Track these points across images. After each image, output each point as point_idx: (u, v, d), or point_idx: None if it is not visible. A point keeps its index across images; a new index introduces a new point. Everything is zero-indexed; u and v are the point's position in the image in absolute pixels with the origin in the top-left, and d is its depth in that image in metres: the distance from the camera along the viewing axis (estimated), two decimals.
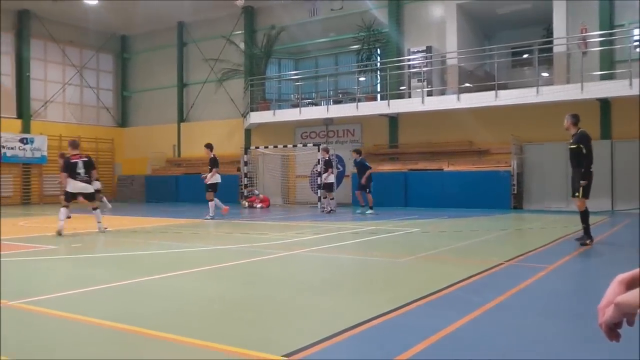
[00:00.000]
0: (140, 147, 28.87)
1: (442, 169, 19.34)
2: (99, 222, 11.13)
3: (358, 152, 16.84)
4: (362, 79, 22.58)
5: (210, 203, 14.98)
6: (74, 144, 11.19)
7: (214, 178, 15.06)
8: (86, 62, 29.06)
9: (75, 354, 3.46)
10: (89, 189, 10.95)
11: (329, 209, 17.04)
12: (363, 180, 16.28)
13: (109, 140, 29.42)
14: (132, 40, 30.34)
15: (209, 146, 15.56)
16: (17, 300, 4.81)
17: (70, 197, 10.93)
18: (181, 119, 28.11)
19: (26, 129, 25.98)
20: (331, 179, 17.22)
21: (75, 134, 27.65)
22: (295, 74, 23.82)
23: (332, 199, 17.33)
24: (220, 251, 8.54)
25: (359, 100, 20.54)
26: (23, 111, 26.07)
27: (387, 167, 20.58)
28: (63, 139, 26.97)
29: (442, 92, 19.90)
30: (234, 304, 4.91)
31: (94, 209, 11.26)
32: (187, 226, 12.90)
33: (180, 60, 28.29)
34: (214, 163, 15.20)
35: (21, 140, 25.40)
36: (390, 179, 19.75)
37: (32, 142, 25.75)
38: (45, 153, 26.22)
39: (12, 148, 25.03)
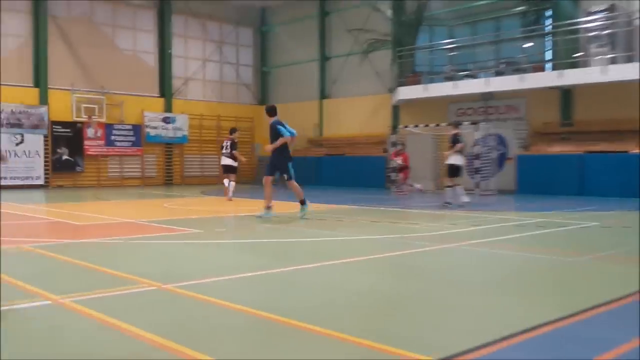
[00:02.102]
0: None
1: (628, 152, 18.04)
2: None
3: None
4: (528, 45, 21.62)
5: (455, 189, 14.35)
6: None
7: (454, 158, 14.29)
8: (226, 37, 30.88)
9: (224, 341, 3.86)
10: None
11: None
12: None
13: (248, 119, 31.09)
14: (272, 12, 31.65)
15: (456, 123, 15.11)
16: (171, 284, 5.40)
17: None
18: (323, 95, 28.91)
19: (168, 107, 28.30)
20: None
21: (215, 112, 29.63)
22: (450, 43, 23.42)
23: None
24: (367, 241, 8.79)
25: (524, 71, 19.75)
26: (165, 89, 28.41)
27: (557, 149, 19.63)
28: (204, 118, 29.02)
29: (629, 59, 18.47)
30: (384, 299, 5.10)
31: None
32: (331, 212, 13.36)
33: (321, 32, 29.03)
34: (457, 141, 14.28)
35: (164, 120, 27.76)
36: (560, 162, 18.84)
37: (174, 121, 28.02)
38: (186, 132, 28.41)
39: (155, 127, 27.44)
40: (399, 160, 20.82)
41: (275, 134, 11.55)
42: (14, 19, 24.44)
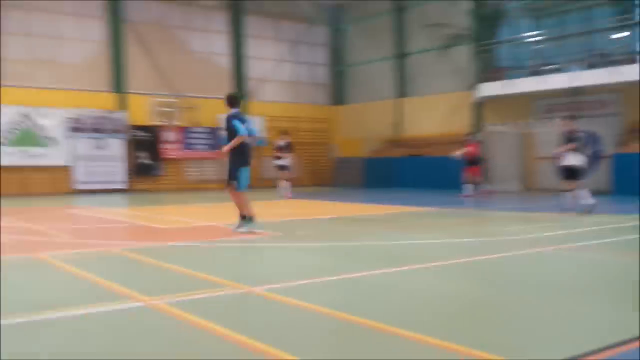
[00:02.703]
0: (357, 127, 30.24)
1: None
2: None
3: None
4: (621, 35, 20.83)
5: (575, 193, 12.92)
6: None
7: (571, 159, 12.90)
8: (299, 36, 31.29)
9: (311, 343, 4.00)
10: None
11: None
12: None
13: (323, 120, 31.36)
14: (346, 10, 31.79)
15: (572, 117, 13.87)
16: (258, 287, 5.61)
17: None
18: (400, 94, 28.81)
19: (243, 109, 28.84)
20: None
21: (290, 113, 30.05)
22: (536, 35, 22.86)
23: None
24: (451, 245, 8.77)
25: (618, 64, 19.06)
26: (239, 91, 29.04)
27: None
28: (279, 119, 29.47)
29: None
30: (473, 304, 5.10)
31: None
32: (412, 215, 13.35)
33: (397, 29, 28.94)
34: (574, 139, 12.93)
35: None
36: None
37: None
38: (262, 134, 28.92)
39: None
40: (463, 152, 19.32)
41: (230, 130, 9.75)
42: (91, 26, 25.68)
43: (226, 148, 9.73)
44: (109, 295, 5.44)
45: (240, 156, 9.78)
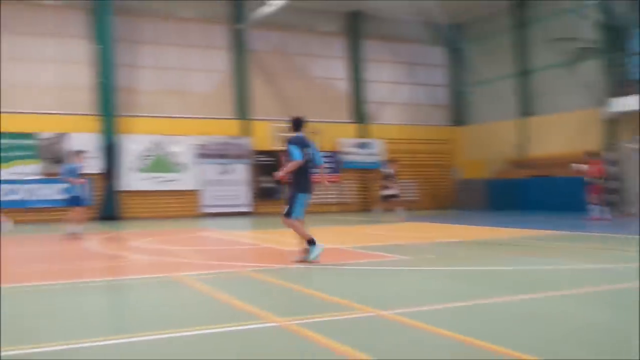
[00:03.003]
0: (479, 147, 29.58)
1: None
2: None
3: None
4: None
5: None
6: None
7: None
8: (417, 58, 31.15)
9: None
10: None
11: None
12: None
13: (443, 141, 30.91)
14: (465, 28, 31.29)
15: None
16: (388, 311, 5.53)
17: None
18: (524, 112, 27.87)
19: (362, 133, 29.14)
20: None
21: (409, 136, 29.94)
22: None
23: None
24: (587, 270, 8.28)
25: None
26: (358, 115, 29.31)
27: None
28: (397, 142, 29.41)
29: None
30: (624, 337, 4.75)
31: None
32: (540, 238, 12.78)
33: (519, 45, 28.11)
34: None
35: (358, 145, 28.62)
36: None
37: (368, 146, 28.76)
38: (381, 157, 28.96)
39: (350, 154, 28.38)
40: (580, 168, 18.25)
41: (288, 155, 9.23)
42: (216, 56, 26.98)
43: (280, 173, 9.33)
44: (243, 315, 5.57)
45: (297, 182, 9.29)
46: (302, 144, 9.26)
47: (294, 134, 9.46)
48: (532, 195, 24.92)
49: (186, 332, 4.92)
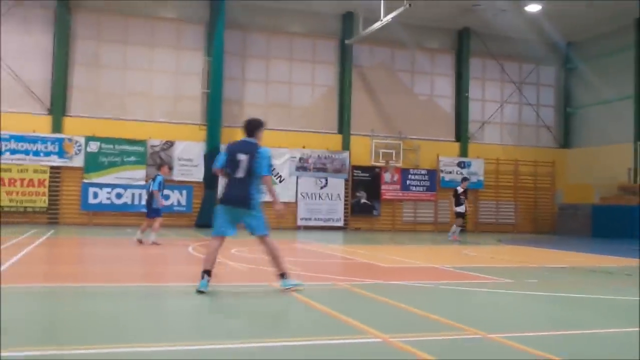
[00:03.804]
0: (586, 171, 28.39)
1: None
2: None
3: None
4: None
5: None
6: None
7: None
8: (526, 77, 30.30)
9: None
10: None
11: None
12: None
13: (549, 164, 29.86)
14: (578, 47, 30.17)
15: None
16: (495, 334, 5.38)
17: None
18: (638, 137, 26.47)
19: (463, 152, 28.61)
20: None
21: (512, 156, 29.17)
22: None
23: None
24: None
25: None
26: (461, 133, 28.81)
27: None
28: (500, 162, 28.69)
29: None
30: None
31: None
32: None
33: (638, 65, 26.76)
34: None
35: (459, 164, 28.14)
36: None
37: (469, 165, 28.23)
38: (481, 177, 28.37)
39: (449, 172, 27.95)
40: None
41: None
42: (322, 71, 27.33)
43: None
44: (346, 328, 5.57)
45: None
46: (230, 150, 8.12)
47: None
48: None
49: (286, 342, 5.00)
